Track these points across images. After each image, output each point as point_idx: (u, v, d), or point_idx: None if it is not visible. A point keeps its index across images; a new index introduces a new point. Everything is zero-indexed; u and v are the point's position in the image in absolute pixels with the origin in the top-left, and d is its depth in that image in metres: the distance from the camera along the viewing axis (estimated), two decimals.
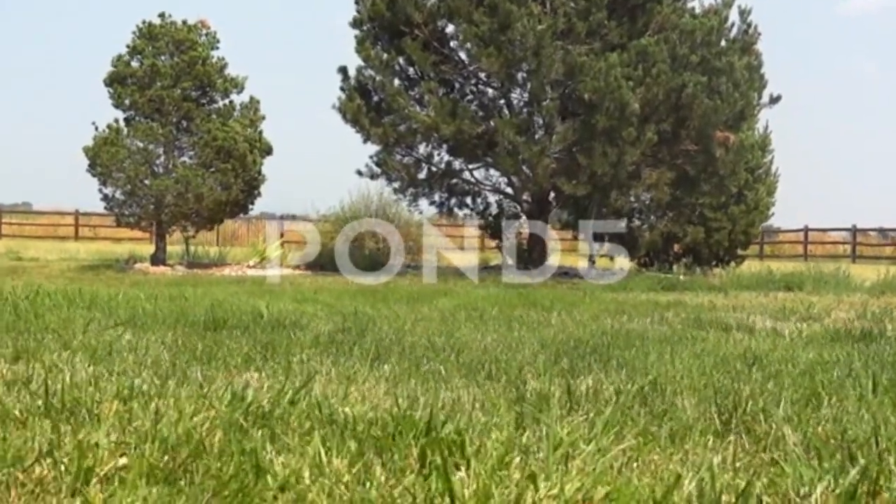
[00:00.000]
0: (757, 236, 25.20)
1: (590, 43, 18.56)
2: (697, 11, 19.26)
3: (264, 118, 22.14)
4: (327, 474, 2.40)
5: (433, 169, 20.54)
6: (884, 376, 4.09)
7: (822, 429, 3.02)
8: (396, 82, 19.66)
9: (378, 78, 19.40)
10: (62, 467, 2.42)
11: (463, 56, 20.08)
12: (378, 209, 23.07)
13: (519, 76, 19.16)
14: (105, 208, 22.10)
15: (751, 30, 19.45)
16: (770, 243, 44.92)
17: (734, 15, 19.64)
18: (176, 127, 21.50)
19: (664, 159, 19.07)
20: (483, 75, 19.95)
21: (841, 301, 11.85)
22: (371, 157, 20.34)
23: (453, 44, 20.11)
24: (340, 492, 2.30)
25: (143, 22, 21.63)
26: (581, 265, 21.96)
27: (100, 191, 21.43)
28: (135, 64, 21.47)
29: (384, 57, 19.36)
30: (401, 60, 19.80)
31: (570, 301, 10.12)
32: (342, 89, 20.12)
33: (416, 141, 19.95)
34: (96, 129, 21.16)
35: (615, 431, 2.88)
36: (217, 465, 2.47)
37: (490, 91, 20.21)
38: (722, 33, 19.11)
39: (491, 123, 19.30)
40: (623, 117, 17.92)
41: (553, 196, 20.22)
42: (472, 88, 20.40)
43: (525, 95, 19.66)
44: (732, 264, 22.46)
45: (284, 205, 38.91)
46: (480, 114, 19.71)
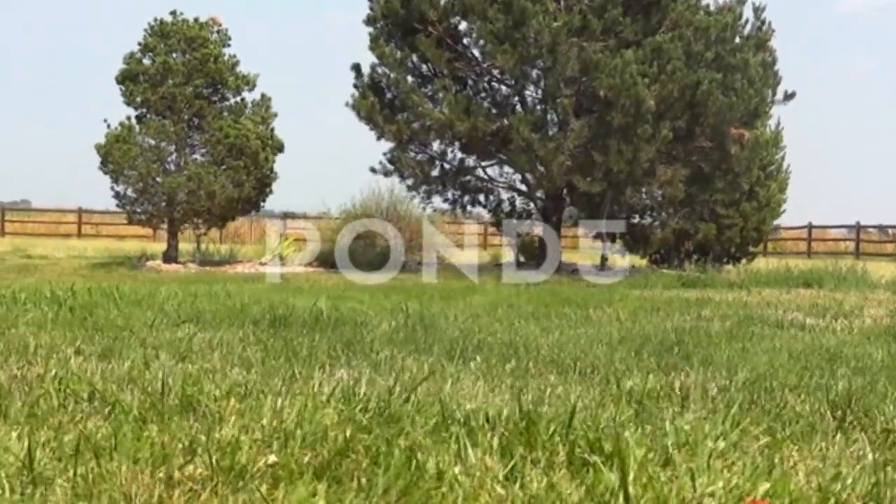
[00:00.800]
0: (769, 233, 25.21)
1: (604, 40, 18.56)
2: (712, 8, 19.26)
3: (276, 115, 22.16)
4: (480, 471, 2.40)
5: (446, 166, 20.55)
6: None
7: None
8: (410, 79, 19.65)
9: (392, 75, 19.39)
10: (214, 465, 2.41)
11: (476, 53, 20.08)
12: (389, 206, 23.09)
13: (533, 73, 19.16)
14: (117, 205, 22.06)
15: (764, 27, 19.46)
16: (773, 240, 44.95)
17: (748, 12, 19.69)
18: (187, 124, 21.47)
19: (678, 156, 19.08)
20: (497, 72, 19.94)
21: (867, 298, 11.86)
22: (384, 155, 20.34)
23: (466, 41, 20.11)
24: (497, 489, 2.30)
25: (155, 19, 21.61)
26: (592, 263, 21.99)
27: (111, 188, 21.42)
28: (146, 61, 21.43)
29: (398, 55, 19.33)
30: (414, 58, 19.79)
31: (602, 298, 10.12)
32: (355, 86, 20.10)
33: (430, 138, 19.94)
34: (108, 127, 21.15)
35: (741, 428, 2.88)
36: (366, 462, 2.47)
37: (503, 88, 20.21)
38: (736, 30, 19.12)
39: (504, 121, 19.30)
40: (638, 114, 17.93)
41: (566, 193, 20.21)
42: (485, 86, 20.39)
43: (539, 92, 19.67)
44: (744, 261, 22.48)
45: (283, 203, 38.93)
46: (494, 111, 19.70)
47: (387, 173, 20.28)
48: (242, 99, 21.94)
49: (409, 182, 20.27)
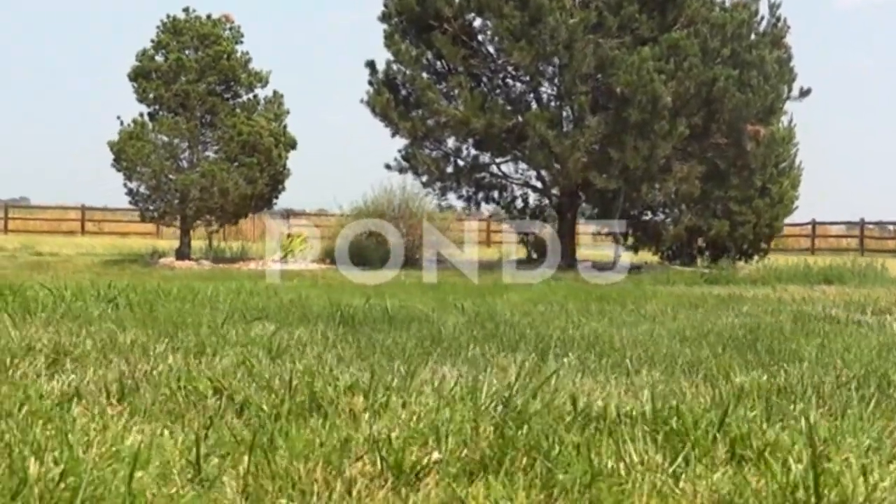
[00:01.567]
0: (781, 230, 25.23)
1: (620, 36, 18.57)
2: (727, 5, 19.26)
3: (289, 112, 22.12)
4: (646, 467, 2.40)
5: (460, 163, 20.55)
6: None
7: None
8: (425, 76, 19.63)
9: (408, 72, 19.37)
10: (382, 462, 2.41)
11: (491, 50, 20.07)
12: (401, 203, 23.08)
13: (549, 70, 19.15)
14: (130, 203, 22.01)
15: (780, 23, 19.49)
16: (777, 237, 44.87)
17: (763, 8, 19.70)
18: (200, 121, 21.42)
19: (694, 153, 19.10)
20: (511, 69, 19.94)
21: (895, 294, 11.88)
22: (399, 151, 20.34)
23: (481, 37, 20.11)
24: (670, 483, 2.30)
25: (168, 16, 21.56)
26: (605, 259, 21.99)
27: (124, 185, 21.36)
28: (159, 58, 21.38)
29: (413, 52, 19.31)
30: (429, 55, 19.77)
31: (637, 295, 10.13)
32: (370, 83, 20.09)
33: (445, 135, 19.93)
34: (121, 124, 21.10)
35: (881, 426, 2.89)
36: (525, 459, 2.47)
37: (518, 85, 20.20)
38: (752, 27, 19.13)
39: (519, 118, 19.29)
40: (655, 111, 17.94)
41: (581, 190, 20.20)
42: (500, 82, 20.38)
43: (554, 89, 19.67)
44: (756, 258, 22.51)
45: (283, 200, 38.83)
46: (508, 108, 19.69)
47: (401, 170, 20.28)
48: (255, 96, 21.92)
49: (424, 179, 20.25)
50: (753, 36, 19.11)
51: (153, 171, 20.95)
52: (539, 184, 20.48)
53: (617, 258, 21.28)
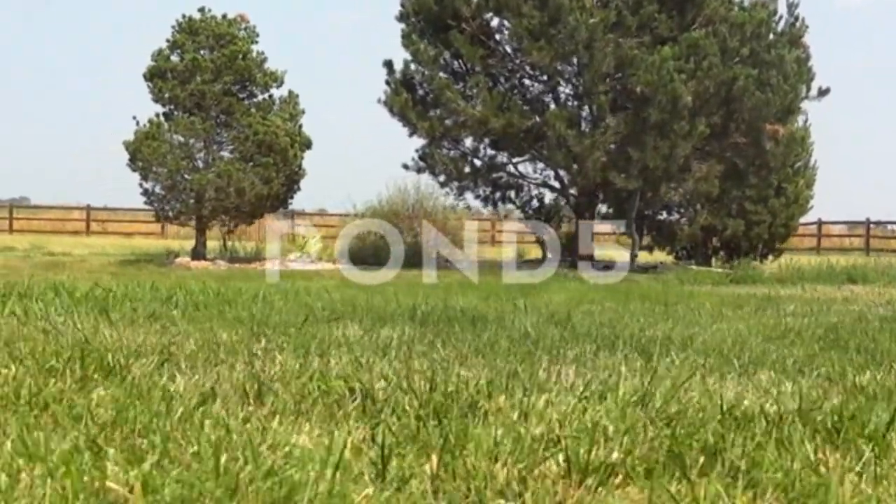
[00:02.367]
0: (796, 230, 25.27)
1: (639, 36, 18.58)
2: (746, 4, 19.27)
3: (304, 112, 22.13)
4: (833, 468, 2.39)
5: (477, 163, 20.54)
6: None
7: None
8: (442, 76, 19.61)
9: (426, 72, 19.36)
10: (569, 461, 2.39)
11: (508, 49, 20.06)
12: (416, 203, 23.08)
13: (568, 70, 19.16)
14: (145, 202, 22.00)
15: (798, 22, 19.51)
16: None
17: (781, 7, 19.72)
18: (216, 121, 21.40)
19: (713, 152, 19.11)
20: (529, 69, 19.93)
21: None
22: (416, 151, 20.32)
23: (498, 37, 20.09)
24: (864, 485, 2.29)
25: (183, 16, 21.54)
26: (619, 259, 22.00)
27: (140, 185, 21.35)
28: (175, 58, 21.35)
29: (432, 51, 19.30)
30: (446, 54, 19.76)
31: (678, 294, 10.13)
32: (387, 83, 20.07)
33: (463, 135, 19.92)
34: (137, 124, 21.09)
35: None
36: (702, 458, 2.46)
37: (536, 85, 20.19)
38: (770, 26, 19.15)
39: (537, 118, 19.29)
40: (675, 110, 17.95)
41: (598, 190, 20.21)
42: (517, 82, 20.37)
43: (572, 89, 19.68)
44: (770, 257, 22.53)
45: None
46: (525, 108, 19.69)
47: (419, 170, 20.26)
48: (270, 96, 21.91)
49: (441, 178, 20.24)
50: (772, 35, 19.12)
51: (169, 172, 20.92)
52: (557, 184, 20.48)
53: (633, 258, 21.28)
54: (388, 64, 20.15)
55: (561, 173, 19.94)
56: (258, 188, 21.06)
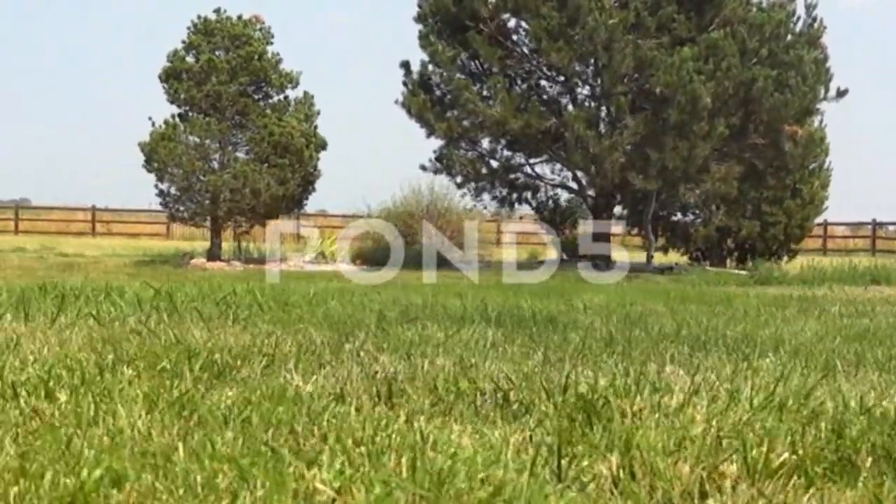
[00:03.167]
0: (811, 230, 25.29)
1: (658, 37, 18.58)
2: (764, 5, 19.29)
3: (319, 113, 22.11)
4: None
5: (493, 164, 20.54)
6: None
7: None
8: (460, 77, 19.60)
9: (444, 73, 19.35)
10: (747, 462, 2.39)
11: (525, 50, 20.06)
12: (430, 204, 23.06)
13: (588, 70, 19.16)
14: (160, 203, 21.97)
15: (816, 23, 19.52)
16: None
17: (799, 9, 19.73)
18: (231, 122, 21.37)
19: (731, 153, 19.13)
20: (546, 70, 19.94)
21: None
22: (434, 152, 20.33)
23: (515, 38, 20.09)
24: None
25: (199, 17, 21.51)
26: (634, 260, 22.01)
27: (156, 186, 21.33)
28: (190, 59, 21.33)
29: (450, 52, 19.29)
30: (464, 55, 19.76)
31: (714, 295, 10.12)
32: (405, 84, 20.08)
33: (480, 136, 19.92)
34: (153, 125, 21.05)
35: None
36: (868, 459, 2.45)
37: (553, 86, 20.20)
38: (788, 27, 19.16)
39: (553, 119, 19.29)
40: (695, 111, 17.96)
41: (615, 190, 20.21)
42: (534, 83, 20.37)
43: (589, 89, 19.68)
44: (785, 258, 22.54)
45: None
46: (542, 109, 19.68)
47: (436, 171, 20.24)
48: (286, 97, 21.90)
49: (458, 179, 20.24)
50: (790, 36, 19.13)
51: (184, 173, 20.89)
52: (574, 185, 20.48)
53: (649, 258, 21.30)
54: (406, 65, 20.17)
55: (579, 174, 19.93)
56: (273, 189, 21.04)
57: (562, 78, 19.79)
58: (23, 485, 2.05)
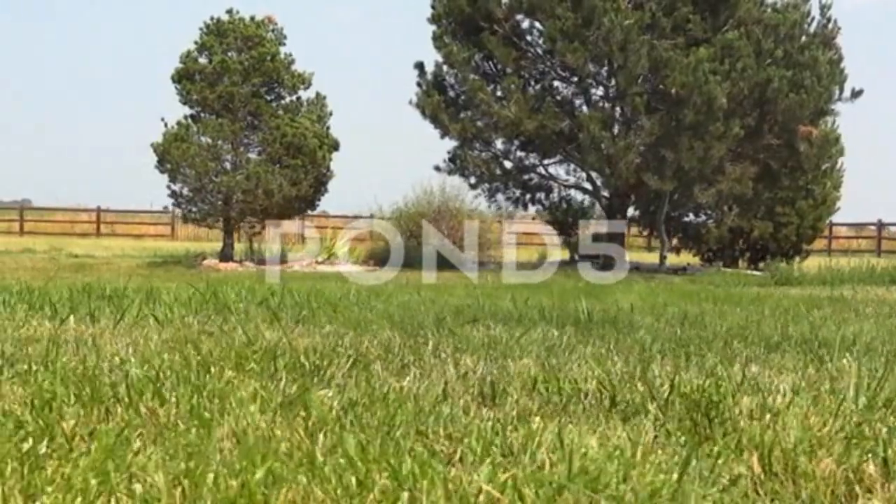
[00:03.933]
0: (823, 231, 25.29)
1: (673, 38, 18.59)
2: (778, 6, 19.31)
3: (332, 114, 22.11)
4: None
5: (507, 164, 20.54)
6: None
7: None
8: (475, 77, 19.60)
9: (458, 74, 19.35)
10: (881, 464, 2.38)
11: (539, 51, 20.06)
12: (441, 204, 23.06)
13: (602, 71, 19.17)
14: (173, 204, 21.98)
15: (830, 24, 19.54)
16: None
17: (814, 9, 19.76)
18: (244, 123, 21.36)
19: (746, 153, 19.13)
20: (560, 70, 19.93)
21: None
22: (448, 153, 20.32)
23: (529, 38, 20.09)
24: None
25: (212, 18, 21.50)
26: (644, 260, 22.03)
27: (168, 187, 21.31)
28: (203, 60, 21.31)
29: (464, 53, 19.28)
30: (478, 56, 19.75)
31: (745, 296, 10.12)
32: (419, 85, 20.07)
33: (494, 136, 19.92)
34: (166, 126, 21.05)
35: None
36: None
37: (567, 86, 20.20)
38: (803, 27, 19.18)
39: (567, 120, 19.29)
40: (710, 112, 17.96)
41: (630, 191, 20.21)
42: (548, 84, 20.37)
43: (603, 90, 19.68)
44: (797, 259, 22.53)
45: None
46: (557, 109, 19.68)
47: (450, 172, 20.24)
48: (298, 97, 21.89)
49: (472, 180, 20.23)
50: (804, 37, 19.15)
51: (197, 174, 20.88)
52: (589, 185, 20.48)
53: (662, 259, 21.31)
54: (420, 66, 20.17)
55: (593, 175, 19.94)
56: (286, 190, 21.03)
57: (576, 79, 19.78)
58: (186, 486, 2.04)
